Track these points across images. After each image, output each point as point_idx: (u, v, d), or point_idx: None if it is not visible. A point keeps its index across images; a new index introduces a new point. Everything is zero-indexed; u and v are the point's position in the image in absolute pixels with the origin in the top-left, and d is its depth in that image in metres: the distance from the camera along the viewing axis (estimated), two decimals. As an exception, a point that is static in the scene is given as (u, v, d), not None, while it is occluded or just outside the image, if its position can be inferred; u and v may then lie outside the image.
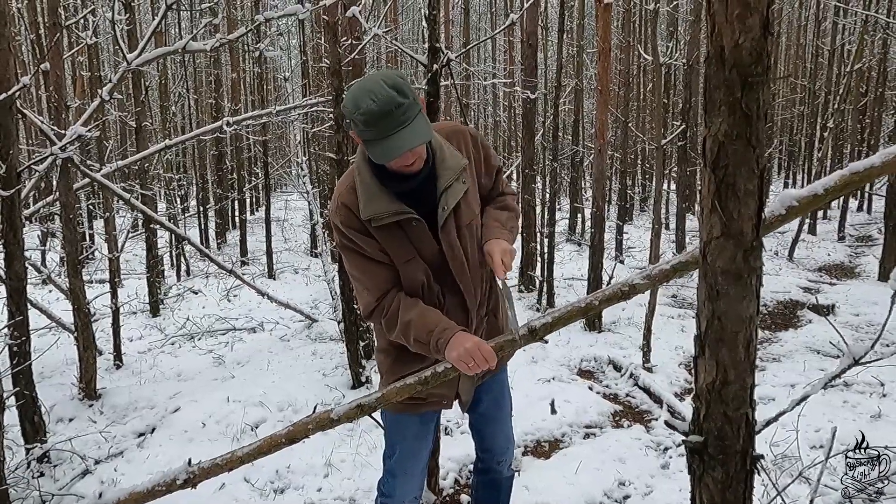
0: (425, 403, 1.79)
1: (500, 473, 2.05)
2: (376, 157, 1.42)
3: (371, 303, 1.61)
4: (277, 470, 2.94)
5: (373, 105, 1.36)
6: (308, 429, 1.58)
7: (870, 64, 10.83)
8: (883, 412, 3.39)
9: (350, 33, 4.20)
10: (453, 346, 1.49)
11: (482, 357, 1.47)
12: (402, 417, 1.82)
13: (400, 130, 1.39)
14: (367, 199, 1.53)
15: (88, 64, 7.84)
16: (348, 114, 1.43)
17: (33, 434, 3.00)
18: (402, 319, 1.56)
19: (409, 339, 1.57)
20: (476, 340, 1.49)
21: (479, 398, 1.90)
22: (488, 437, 2.00)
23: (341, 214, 1.57)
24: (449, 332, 1.52)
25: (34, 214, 4.33)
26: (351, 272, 1.64)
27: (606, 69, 5.11)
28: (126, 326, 5.36)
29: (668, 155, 8.67)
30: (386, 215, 1.52)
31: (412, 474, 1.87)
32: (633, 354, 4.43)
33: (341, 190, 1.59)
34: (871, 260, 7.87)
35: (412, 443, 1.84)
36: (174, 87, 10.14)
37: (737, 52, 0.77)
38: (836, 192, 1.07)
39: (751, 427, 0.94)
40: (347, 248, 1.60)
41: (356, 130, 1.44)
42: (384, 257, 1.59)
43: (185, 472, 1.64)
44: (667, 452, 3.10)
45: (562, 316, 1.43)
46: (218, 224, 10.95)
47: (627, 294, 1.37)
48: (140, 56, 3.37)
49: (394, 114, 1.37)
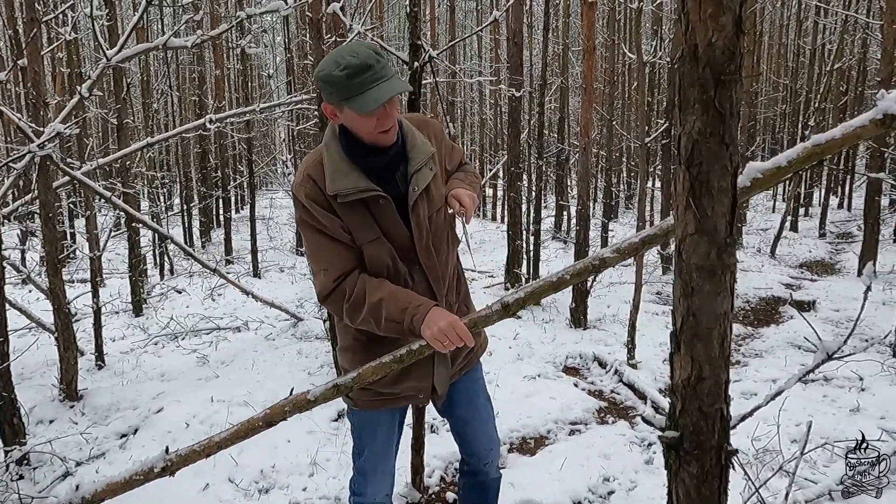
0: (400, 398, 1.75)
1: (488, 475, 2.02)
2: (360, 107, 1.44)
3: (329, 284, 1.55)
4: (262, 469, 2.92)
5: (354, 59, 1.42)
6: (285, 411, 1.56)
7: (850, 63, 10.98)
8: (861, 406, 3.44)
9: (335, 30, 4.17)
10: (428, 323, 1.47)
11: (457, 335, 1.46)
12: (373, 415, 1.78)
13: (381, 83, 1.44)
14: (334, 174, 1.52)
15: (68, 60, 7.73)
16: (326, 75, 1.44)
17: (12, 436, 2.96)
18: (370, 300, 1.52)
19: (379, 319, 1.52)
20: (451, 318, 1.48)
21: (453, 400, 1.87)
22: (470, 440, 1.96)
23: (306, 187, 1.55)
24: (423, 307, 1.50)
25: (13, 213, 4.27)
26: (309, 251, 1.59)
27: (591, 67, 5.13)
28: (108, 326, 5.29)
29: (652, 153, 8.73)
30: (353, 191, 1.51)
31: (382, 473, 1.85)
32: (617, 351, 4.46)
33: (308, 163, 1.59)
34: (851, 256, 7.99)
35: (381, 441, 1.82)
36: (157, 85, 10.03)
37: (710, 50, 0.78)
38: (799, 164, 1.09)
39: (725, 422, 0.95)
40: (308, 224, 1.56)
41: (334, 92, 1.46)
42: (346, 237, 1.55)
43: (162, 459, 1.61)
44: (651, 448, 3.13)
45: (534, 290, 1.43)
46: (202, 222, 10.85)
47: (598, 268, 1.38)
48: (120, 52, 3.33)
49: (374, 67, 1.43)
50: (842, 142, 1.03)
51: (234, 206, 14.33)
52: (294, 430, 3.24)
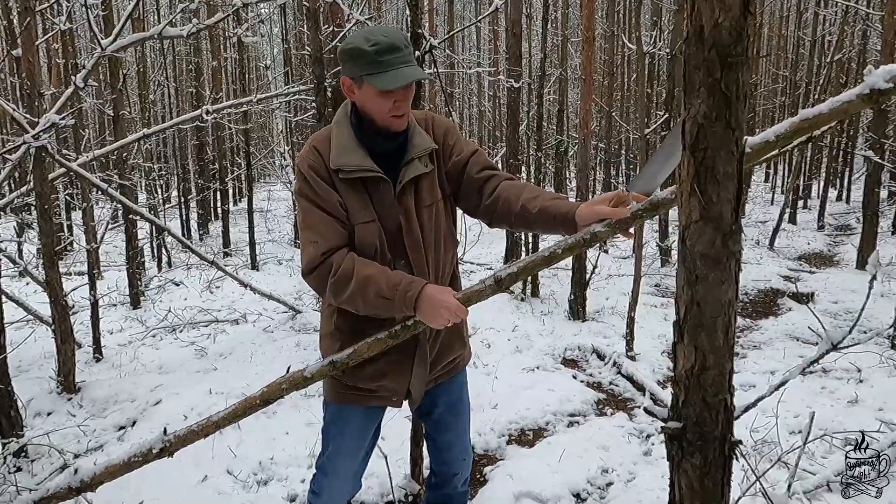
0: (374, 396, 1.71)
1: (455, 489, 1.97)
2: (383, 83, 1.45)
3: (317, 257, 1.52)
4: (261, 461, 2.91)
5: (385, 38, 1.45)
6: (282, 388, 1.56)
7: (850, 55, 10.94)
8: (860, 398, 3.44)
9: (332, 20, 4.15)
10: (423, 298, 1.46)
11: (452, 311, 1.45)
12: (345, 411, 1.74)
13: (407, 66, 1.47)
14: (340, 150, 1.54)
15: (63, 51, 7.67)
16: (354, 48, 1.46)
17: (10, 429, 2.94)
18: (359, 274, 1.49)
19: (367, 295, 1.48)
20: (445, 294, 1.47)
21: (435, 402, 1.82)
22: (444, 447, 1.91)
23: (310, 158, 1.56)
24: (417, 283, 1.48)
25: (9, 205, 4.24)
26: (303, 223, 1.57)
27: (591, 58, 5.10)
28: (106, 319, 5.27)
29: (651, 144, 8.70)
30: (356, 168, 1.53)
31: (343, 477, 1.77)
32: (616, 343, 4.46)
33: (316, 138, 1.61)
34: (849, 249, 7.99)
35: (349, 441, 1.75)
36: (153, 76, 9.96)
37: (716, 31, 0.76)
38: (787, 139, 1.09)
39: (729, 413, 0.93)
40: (306, 196, 1.56)
41: (359, 65, 1.47)
42: (341, 214, 1.55)
43: (161, 440, 1.60)
44: (649, 440, 3.12)
45: (526, 266, 1.44)
46: (200, 215, 10.82)
47: (589, 241, 1.38)
48: (115, 42, 3.29)
49: (403, 50, 1.47)
50: (829, 117, 1.03)
51: (232, 198, 14.29)
52: (293, 422, 3.23)
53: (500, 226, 1.67)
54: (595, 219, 1.39)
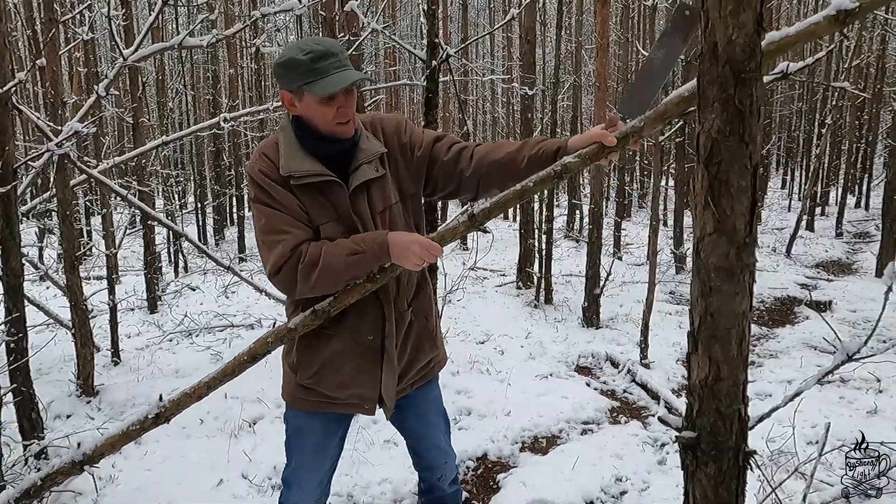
0: (343, 404, 1.69)
1: (443, 490, 2.00)
2: (322, 89, 1.45)
3: (285, 253, 1.48)
4: (275, 466, 2.94)
5: (318, 46, 1.47)
6: (268, 342, 1.57)
7: (868, 60, 10.82)
8: (879, 408, 3.40)
9: (348, 29, 4.19)
10: (391, 242, 1.46)
11: (424, 247, 1.44)
12: (307, 421, 1.73)
13: (344, 70, 1.48)
14: (289, 156, 1.53)
15: (85, 60, 7.82)
16: (288, 59, 1.46)
17: (31, 430, 3.00)
18: (326, 248, 1.48)
19: (339, 259, 1.46)
20: (413, 235, 1.50)
21: (409, 409, 1.83)
22: (422, 453, 1.94)
23: (261, 165, 1.54)
24: (382, 232, 1.50)
25: (31, 211, 4.32)
26: (265, 228, 1.52)
27: (605, 65, 5.10)
28: (124, 323, 5.35)
29: (666, 151, 8.67)
30: (306, 173, 1.51)
31: (308, 488, 1.77)
32: (630, 351, 4.44)
33: (264, 145, 1.60)
34: (868, 256, 7.88)
35: (310, 454, 1.74)
36: (171, 84, 10.12)
37: (730, 48, 0.77)
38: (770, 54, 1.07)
39: (743, 423, 0.94)
40: (264, 203, 1.53)
41: (295, 76, 1.47)
42: (302, 216, 1.53)
43: (156, 406, 1.60)
44: (663, 448, 3.11)
45: (499, 201, 1.46)
46: (216, 220, 10.95)
47: (560, 174, 1.41)
48: (136, 52, 3.36)
49: (338, 56, 1.48)
50: (795, 38, 1.03)
51: (248, 204, 14.41)
52: (307, 427, 3.25)
53: (491, 190, 1.60)
54: (588, 143, 1.42)
